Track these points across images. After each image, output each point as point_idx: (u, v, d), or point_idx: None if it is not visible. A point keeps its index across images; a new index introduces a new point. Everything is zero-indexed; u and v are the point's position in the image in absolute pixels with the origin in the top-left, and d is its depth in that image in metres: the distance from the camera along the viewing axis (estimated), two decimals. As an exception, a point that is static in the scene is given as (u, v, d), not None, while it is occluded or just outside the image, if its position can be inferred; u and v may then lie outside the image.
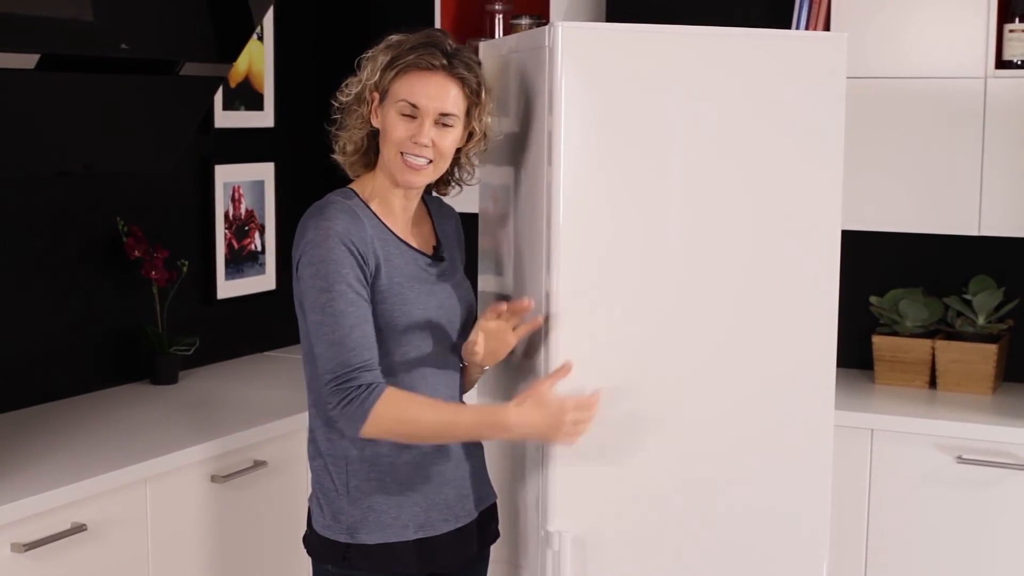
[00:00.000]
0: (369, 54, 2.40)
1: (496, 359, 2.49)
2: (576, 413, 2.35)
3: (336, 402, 2.27)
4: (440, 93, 2.33)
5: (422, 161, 2.35)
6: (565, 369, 2.40)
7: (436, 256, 2.47)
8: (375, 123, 2.39)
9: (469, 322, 2.49)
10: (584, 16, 4.12)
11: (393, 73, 2.34)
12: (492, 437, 2.43)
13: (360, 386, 2.26)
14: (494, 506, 2.59)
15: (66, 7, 2.89)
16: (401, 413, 2.28)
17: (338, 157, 2.47)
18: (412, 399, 2.32)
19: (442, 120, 2.34)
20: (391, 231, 2.39)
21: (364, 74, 2.39)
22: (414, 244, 2.44)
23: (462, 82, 2.35)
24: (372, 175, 2.43)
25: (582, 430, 2.37)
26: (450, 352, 2.46)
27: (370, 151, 2.44)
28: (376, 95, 2.37)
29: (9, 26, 2.77)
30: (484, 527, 2.54)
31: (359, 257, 2.29)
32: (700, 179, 2.55)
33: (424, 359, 2.39)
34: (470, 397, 2.63)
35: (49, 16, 2.86)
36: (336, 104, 2.44)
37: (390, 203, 2.41)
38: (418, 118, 2.33)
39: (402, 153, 2.34)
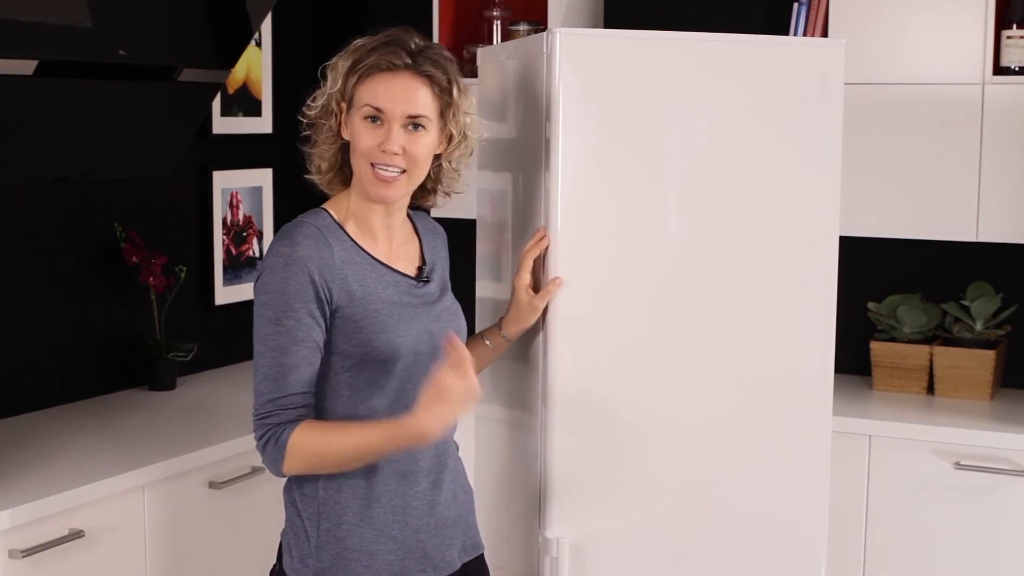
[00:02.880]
0: (331, 62, 2.24)
1: (527, 327, 2.46)
2: (471, 378, 2.10)
3: (258, 437, 2.15)
4: (406, 94, 2.16)
5: (393, 172, 2.18)
6: (457, 358, 2.09)
7: (421, 278, 2.30)
8: (345, 135, 2.22)
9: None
10: (582, 22, 4.12)
11: (355, 78, 2.18)
12: (407, 448, 2.18)
13: (279, 423, 2.13)
14: (481, 558, 2.42)
15: (64, 13, 2.89)
16: (313, 444, 2.13)
17: (313, 177, 2.29)
18: (323, 426, 2.16)
19: (411, 123, 2.17)
20: (368, 253, 2.22)
21: (327, 84, 2.23)
22: (398, 266, 2.27)
23: (430, 80, 2.18)
24: (347, 193, 2.26)
25: (475, 387, 2.12)
26: None
27: (345, 166, 2.26)
28: (343, 105, 2.21)
29: (7, 32, 2.77)
30: None
31: (320, 286, 2.13)
32: (698, 185, 2.55)
33: (409, 389, 2.20)
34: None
35: (47, 22, 2.86)
36: (304, 120, 2.27)
37: (369, 222, 2.24)
38: (384, 123, 2.16)
39: (372, 164, 2.17)
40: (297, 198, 4.23)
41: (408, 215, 2.37)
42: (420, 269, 2.32)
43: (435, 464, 2.29)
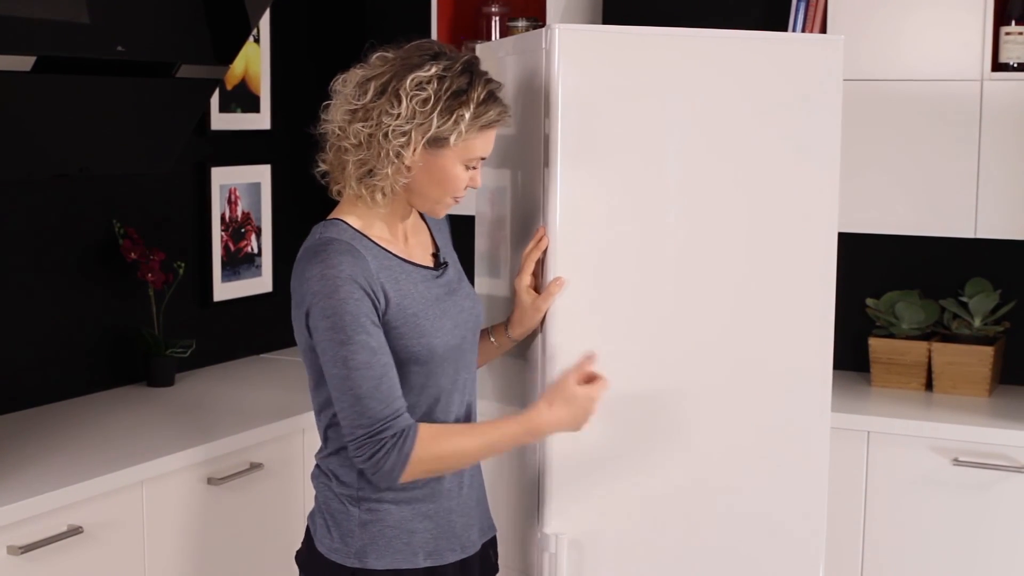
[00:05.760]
0: (448, 103, 2.18)
1: (531, 328, 2.50)
2: (598, 399, 2.32)
3: (370, 454, 2.17)
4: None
5: None
6: (589, 360, 2.34)
7: (438, 264, 2.37)
8: (411, 164, 2.21)
9: (477, 332, 2.42)
10: (580, 19, 4.12)
11: (475, 131, 2.21)
12: (529, 441, 2.36)
13: (395, 435, 2.17)
14: (495, 539, 2.50)
15: (62, 9, 2.88)
16: (439, 449, 2.21)
17: (374, 198, 2.24)
18: (444, 431, 2.24)
19: None
20: (392, 254, 2.27)
21: (427, 120, 2.18)
22: (417, 259, 2.33)
23: None
24: (360, 201, 2.27)
25: (596, 408, 2.33)
26: (463, 369, 2.37)
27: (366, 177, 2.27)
28: (423, 142, 2.19)
29: (5, 28, 2.76)
30: (485, 560, 2.46)
31: (372, 297, 2.18)
32: (697, 181, 2.55)
33: (442, 382, 2.31)
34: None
35: (45, 18, 2.86)
36: (371, 134, 2.19)
37: (392, 225, 2.31)
38: (476, 166, 2.28)
39: (455, 197, 2.29)
40: (295, 194, 4.24)
41: None
42: (435, 256, 2.38)
43: None
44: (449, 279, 2.37)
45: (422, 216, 2.43)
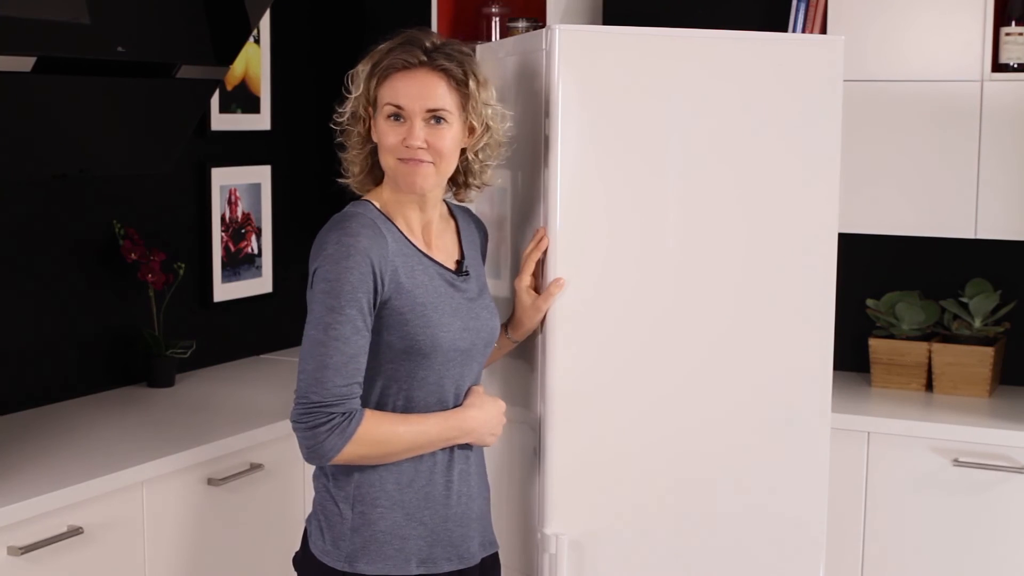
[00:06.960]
0: (354, 69, 2.32)
1: (531, 329, 2.51)
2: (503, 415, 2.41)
3: (315, 424, 2.17)
4: (423, 90, 2.24)
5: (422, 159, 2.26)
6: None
7: (460, 271, 2.37)
8: (374, 137, 2.31)
9: (490, 348, 2.41)
10: (581, 19, 4.12)
11: (375, 80, 2.27)
12: (457, 438, 2.32)
13: (344, 413, 2.18)
14: (496, 555, 2.48)
15: (63, 10, 2.88)
16: (378, 433, 2.21)
17: (347, 180, 2.38)
18: (384, 417, 2.25)
19: (432, 117, 2.25)
20: (413, 245, 2.30)
21: (352, 90, 2.31)
22: (439, 259, 2.34)
23: (446, 74, 2.25)
24: (380, 189, 2.34)
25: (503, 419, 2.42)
26: (467, 377, 2.36)
27: (375, 168, 2.35)
28: (370, 109, 2.30)
29: (6, 29, 2.76)
30: (486, 574, 2.44)
31: (377, 277, 2.19)
32: (697, 182, 2.56)
33: (443, 383, 2.30)
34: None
35: (46, 19, 2.86)
36: (336, 128, 2.36)
37: (406, 216, 2.32)
38: (407, 120, 2.24)
39: (399, 160, 2.26)
40: (295, 195, 4.24)
41: (451, 209, 2.45)
42: (459, 263, 2.38)
43: (464, 457, 2.36)
44: (470, 288, 2.37)
45: (458, 229, 2.44)
